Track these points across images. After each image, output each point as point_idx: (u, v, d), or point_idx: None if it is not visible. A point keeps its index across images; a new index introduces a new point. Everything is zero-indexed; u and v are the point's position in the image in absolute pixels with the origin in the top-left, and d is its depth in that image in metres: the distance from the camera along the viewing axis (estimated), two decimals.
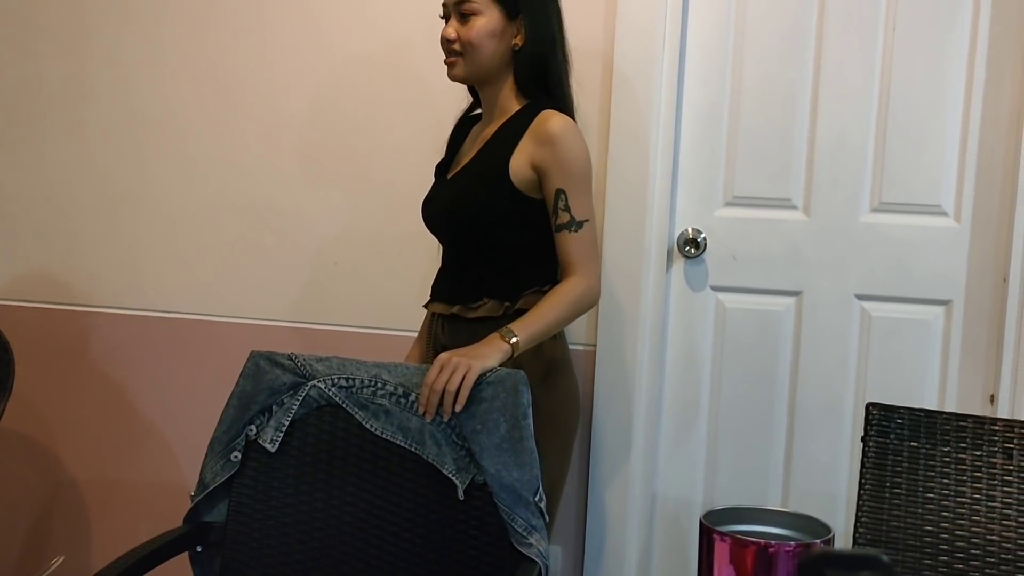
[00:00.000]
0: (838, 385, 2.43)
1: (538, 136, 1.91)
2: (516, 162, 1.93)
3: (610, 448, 2.45)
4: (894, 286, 2.40)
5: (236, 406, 1.81)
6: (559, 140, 1.90)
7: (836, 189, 2.40)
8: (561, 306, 1.89)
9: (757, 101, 2.42)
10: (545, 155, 1.90)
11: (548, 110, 1.94)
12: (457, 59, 1.98)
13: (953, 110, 2.34)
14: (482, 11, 1.94)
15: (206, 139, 2.63)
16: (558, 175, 1.91)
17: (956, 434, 1.80)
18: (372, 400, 1.78)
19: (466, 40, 1.95)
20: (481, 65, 1.97)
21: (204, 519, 1.79)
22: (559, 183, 1.91)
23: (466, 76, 2.00)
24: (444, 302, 2.05)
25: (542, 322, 1.86)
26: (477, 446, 1.70)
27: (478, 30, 1.94)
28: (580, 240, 1.92)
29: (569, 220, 1.92)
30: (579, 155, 1.93)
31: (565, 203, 1.91)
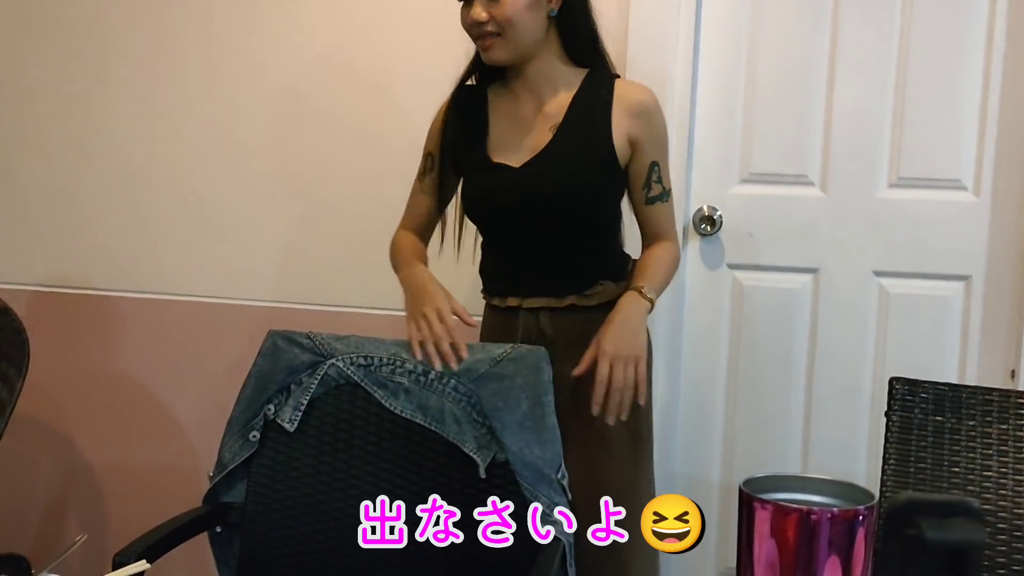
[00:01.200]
0: (856, 362, 2.41)
1: (630, 109, 1.86)
2: (618, 137, 1.86)
3: None
4: (912, 262, 2.37)
5: (254, 386, 1.79)
6: (653, 112, 1.88)
7: (853, 165, 2.38)
8: (666, 267, 1.89)
9: (773, 77, 2.40)
10: (641, 128, 1.86)
11: (622, 80, 1.91)
12: (493, 40, 1.82)
13: (972, 83, 2.31)
14: None
15: (222, 124, 2.61)
16: (653, 147, 1.88)
17: (982, 408, 1.78)
18: (391, 378, 1.76)
19: (502, 19, 1.79)
20: (522, 41, 1.82)
21: (223, 499, 1.77)
22: (653, 155, 1.88)
23: (508, 57, 1.84)
24: (548, 295, 1.90)
25: (660, 279, 1.87)
26: (498, 423, 1.69)
27: (513, 5, 1.78)
28: (669, 210, 1.93)
29: (662, 191, 1.90)
30: (665, 125, 1.92)
31: (658, 175, 1.89)
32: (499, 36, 1.81)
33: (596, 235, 1.91)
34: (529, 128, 1.89)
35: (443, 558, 1.61)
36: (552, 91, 1.89)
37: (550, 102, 1.89)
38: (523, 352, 1.73)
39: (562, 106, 1.88)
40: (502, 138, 1.91)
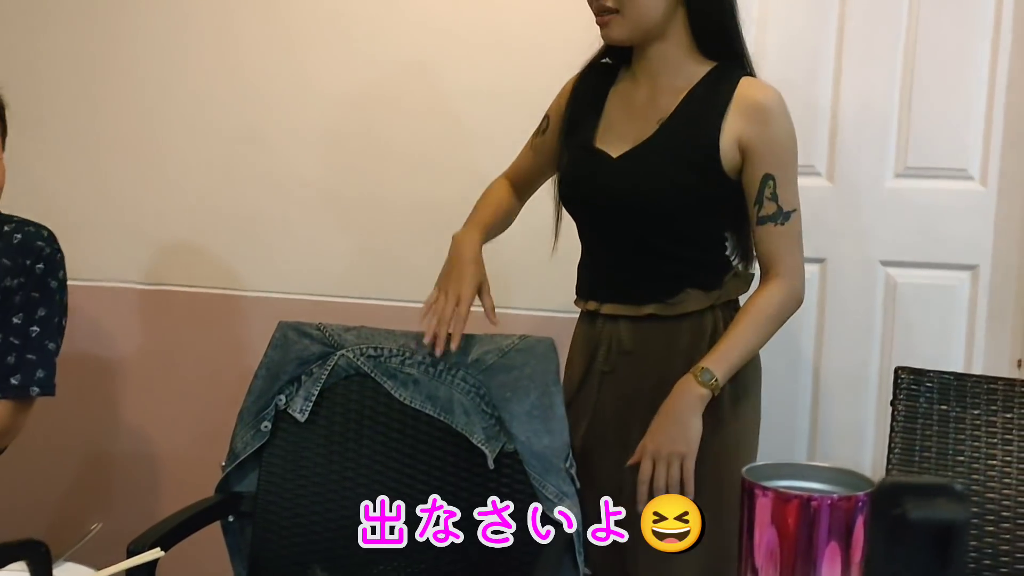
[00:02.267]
0: (863, 352, 2.42)
1: (747, 110, 1.66)
2: (726, 141, 1.67)
3: None
4: (920, 252, 2.38)
5: (265, 376, 1.82)
6: (773, 117, 1.66)
7: (860, 155, 2.38)
8: (760, 325, 1.68)
9: (780, 66, 2.39)
10: (755, 133, 1.65)
11: (749, 78, 1.69)
12: (611, 17, 1.66)
13: (979, 73, 2.31)
14: None
15: (229, 113, 2.63)
16: (768, 158, 1.66)
17: (987, 397, 1.80)
18: (401, 369, 1.78)
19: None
20: (642, 21, 1.65)
21: (235, 489, 1.80)
22: (768, 167, 1.65)
23: (627, 36, 1.68)
24: (628, 302, 1.76)
25: (741, 349, 1.67)
26: (507, 414, 1.71)
27: None
28: (786, 234, 1.68)
29: (776, 211, 1.66)
30: (791, 135, 1.69)
31: (773, 190, 1.65)
32: (617, 13, 1.65)
33: (686, 243, 1.73)
34: (639, 117, 1.74)
35: (450, 549, 1.63)
36: (670, 80, 1.71)
37: (666, 93, 1.72)
38: (531, 342, 1.75)
39: (677, 98, 1.71)
40: (611, 124, 1.77)
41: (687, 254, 1.74)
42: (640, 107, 1.74)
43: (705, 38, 1.69)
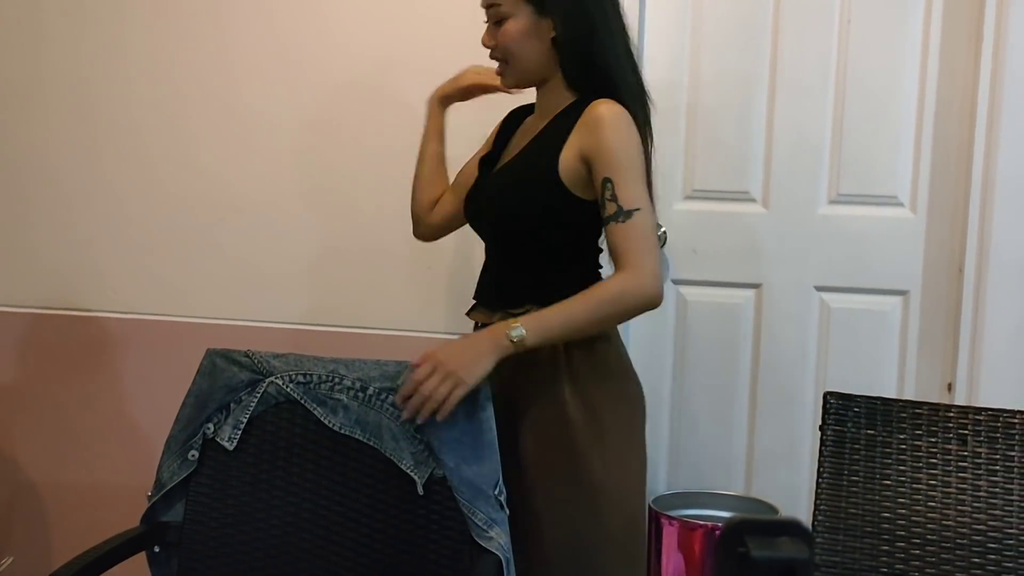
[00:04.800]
0: (798, 375, 2.45)
1: (585, 125, 1.76)
2: (566, 157, 1.77)
3: None
4: (852, 277, 2.41)
5: (193, 404, 1.80)
6: (604, 125, 1.74)
7: (794, 181, 2.42)
8: (591, 303, 1.71)
9: (715, 95, 2.44)
10: (591, 143, 1.74)
11: (601, 99, 1.77)
12: (503, 67, 1.85)
13: (908, 101, 2.36)
14: (511, 13, 1.79)
15: (165, 139, 2.61)
16: (605, 163, 1.74)
17: (912, 421, 1.82)
18: (330, 395, 1.77)
19: (502, 47, 1.82)
20: (525, 69, 1.83)
21: (161, 519, 1.77)
22: (606, 171, 1.73)
23: (516, 82, 1.87)
24: (487, 308, 1.89)
25: (563, 318, 1.70)
26: (435, 440, 1.70)
27: (508, 34, 1.80)
28: (628, 231, 1.72)
29: (617, 210, 1.73)
30: (626, 140, 1.75)
31: (612, 192, 1.73)
32: (505, 63, 1.84)
33: (528, 252, 1.84)
34: (519, 143, 1.91)
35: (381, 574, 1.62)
36: (550, 112, 1.86)
37: (542, 121, 1.87)
38: None
39: (543, 125, 1.85)
40: (510, 148, 1.94)
41: (529, 266, 1.85)
42: (529, 131, 1.91)
43: (572, 78, 1.83)
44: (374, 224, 2.52)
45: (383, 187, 2.50)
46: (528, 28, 1.79)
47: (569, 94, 1.83)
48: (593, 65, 1.80)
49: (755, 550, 0.63)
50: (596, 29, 1.79)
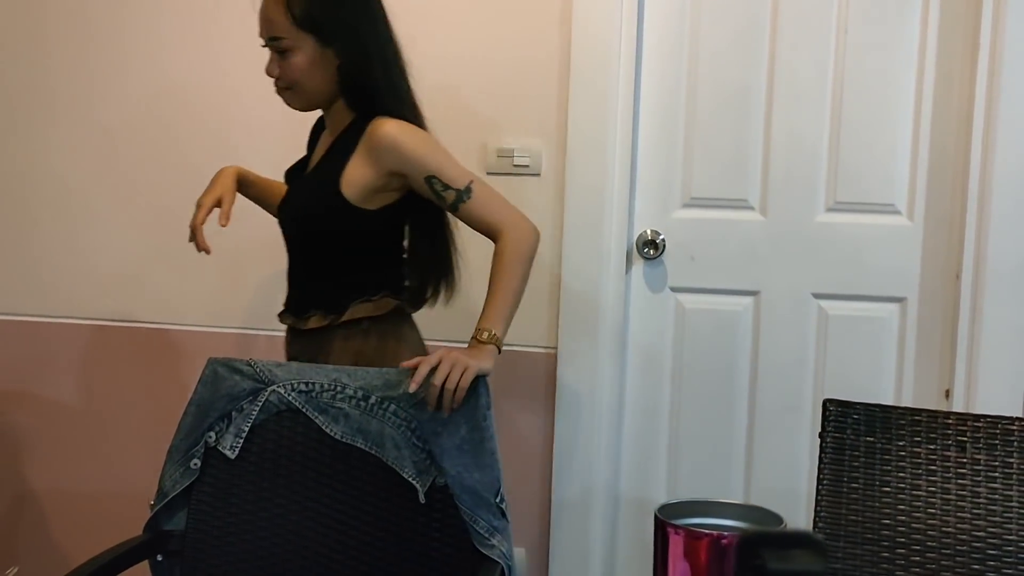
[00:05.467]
0: (796, 382, 2.46)
1: (376, 146, 1.86)
2: (350, 175, 1.87)
3: (573, 449, 2.46)
4: (850, 284, 2.42)
5: (195, 413, 1.80)
6: (396, 139, 1.85)
7: (791, 189, 2.43)
8: (513, 269, 1.83)
9: (712, 103, 2.45)
10: (395, 159, 1.86)
11: (377, 119, 1.88)
12: (287, 92, 1.94)
13: (904, 110, 2.37)
14: (296, 45, 1.87)
15: (161, 145, 2.61)
16: (418, 167, 1.86)
17: (911, 428, 1.82)
18: (332, 404, 1.78)
19: (289, 78, 1.90)
20: (312, 95, 1.93)
21: (164, 527, 1.77)
22: (423, 173, 1.86)
23: (303, 107, 1.97)
24: (288, 313, 2.02)
25: (508, 299, 1.82)
26: (437, 448, 1.71)
27: (296, 67, 1.89)
28: (478, 203, 1.87)
29: (456, 194, 1.86)
30: (422, 140, 1.89)
31: (441, 184, 1.86)
32: (290, 90, 1.93)
33: (313, 263, 1.96)
34: (318, 157, 2.00)
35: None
36: (336, 128, 1.96)
37: (331, 137, 1.97)
38: None
39: (330, 143, 1.96)
40: (312, 161, 2.04)
41: (314, 276, 1.97)
42: (322, 147, 2.00)
43: (351, 101, 1.93)
44: None
45: None
46: (313, 59, 1.88)
47: (350, 113, 1.94)
48: (370, 88, 1.91)
49: (771, 562, 0.64)
50: (371, 56, 1.91)
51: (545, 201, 2.45)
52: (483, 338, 1.78)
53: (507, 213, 1.88)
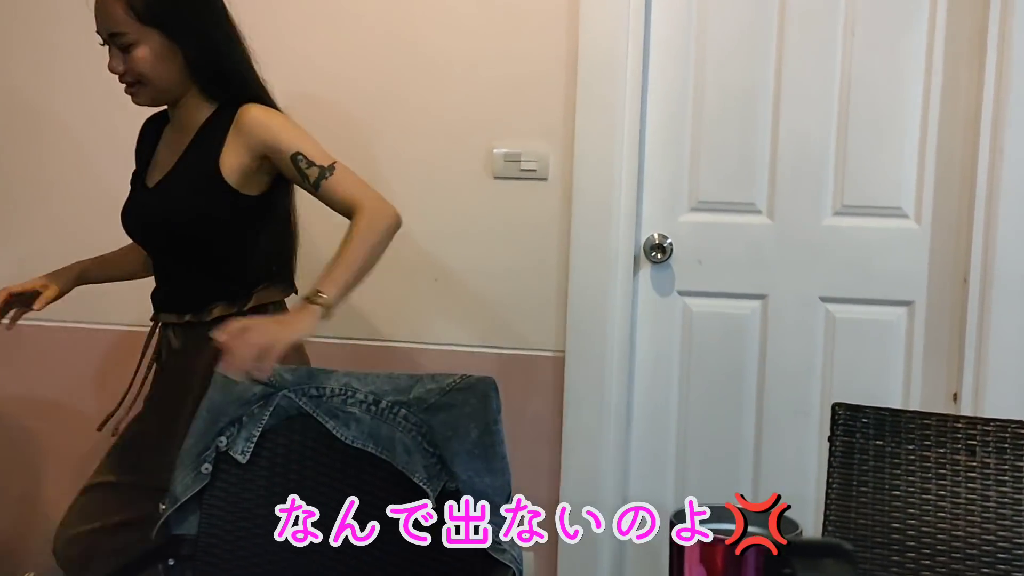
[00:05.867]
0: (804, 386, 2.46)
1: (247, 131, 1.89)
2: (227, 162, 1.89)
3: (581, 453, 2.46)
4: (857, 288, 2.43)
5: (206, 418, 1.80)
6: (264, 121, 1.89)
7: (799, 193, 2.43)
8: (363, 239, 1.83)
9: (719, 107, 2.45)
10: (261, 140, 1.88)
11: (245, 105, 1.91)
12: (136, 88, 1.92)
13: (912, 113, 2.37)
14: (140, 40, 1.86)
15: None
16: (284, 145, 1.88)
17: (920, 432, 1.82)
18: (342, 408, 1.78)
19: (136, 73, 1.89)
20: (161, 90, 1.92)
21: (175, 532, 1.78)
22: (289, 150, 1.88)
23: (151, 102, 1.96)
24: (174, 311, 2.01)
25: (351, 266, 1.81)
26: (448, 453, 1.71)
27: (142, 61, 1.87)
28: (339, 181, 1.88)
29: (319, 171, 1.87)
30: (289, 122, 1.93)
31: (306, 160, 1.87)
32: (138, 84, 1.91)
33: (205, 258, 1.96)
34: (172, 153, 1.98)
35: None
36: (192, 121, 1.96)
37: (189, 130, 1.96)
38: (472, 381, 1.75)
39: (192, 134, 1.95)
40: (158, 161, 2.03)
41: (207, 271, 1.96)
42: (173, 144, 1.99)
43: (209, 90, 1.94)
44: None
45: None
46: (160, 53, 1.88)
47: (208, 105, 1.95)
48: (226, 77, 1.93)
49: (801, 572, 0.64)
50: (220, 45, 1.93)
51: (552, 205, 2.45)
52: (313, 298, 1.76)
53: (369, 193, 1.88)
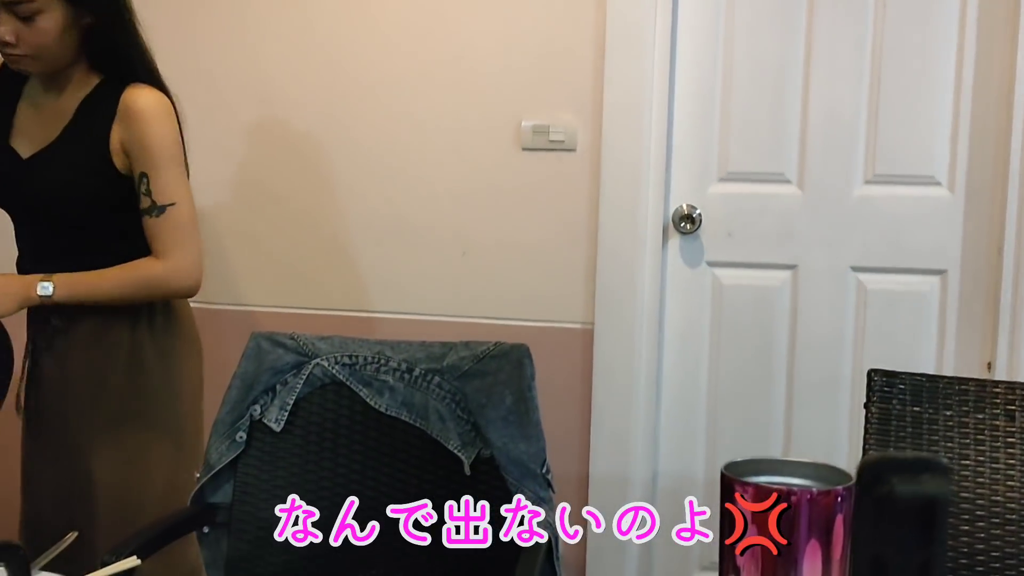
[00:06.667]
0: (835, 357, 2.44)
1: (125, 116, 1.78)
2: (114, 145, 1.80)
3: (610, 426, 2.46)
4: (889, 258, 2.40)
5: (239, 387, 1.80)
6: (144, 118, 1.78)
7: (829, 162, 2.41)
8: (123, 279, 1.80)
9: (749, 76, 2.43)
10: (128, 136, 1.79)
11: (137, 86, 1.81)
12: (23, 60, 1.78)
13: (944, 80, 2.34)
14: (43, 8, 1.71)
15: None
16: (141, 158, 1.79)
17: (958, 398, 1.81)
18: (376, 377, 1.78)
19: (36, 45, 1.74)
20: (56, 60, 1.80)
21: (210, 500, 1.78)
22: (142, 166, 1.79)
23: (41, 71, 1.83)
24: None
25: (92, 286, 1.78)
26: (482, 419, 1.70)
27: (46, 33, 1.74)
28: (161, 225, 1.80)
29: (151, 205, 1.80)
30: (164, 134, 1.81)
31: (147, 187, 1.79)
32: (28, 56, 1.77)
33: (89, 241, 1.86)
34: (46, 122, 1.86)
35: (427, 556, 1.62)
36: (73, 91, 1.84)
37: (68, 100, 1.84)
38: (506, 348, 1.74)
39: (74, 106, 1.84)
40: (23, 126, 1.89)
41: (90, 251, 1.85)
42: (48, 112, 1.86)
43: (103, 65, 1.84)
44: (405, 209, 2.52)
45: (410, 170, 2.50)
46: (64, 23, 1.75)
47: (91, 78, 1.84)
48: (123, 52, 1.82)
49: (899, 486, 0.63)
50: (123, 18, 1.82)
51: (580, 177, 2.44)
52: (37, 283, 1.75)
53: (176, 252, 1.82)
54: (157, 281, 1.83)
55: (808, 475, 0.97)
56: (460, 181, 2.49)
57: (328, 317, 2.54)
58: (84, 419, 1.90)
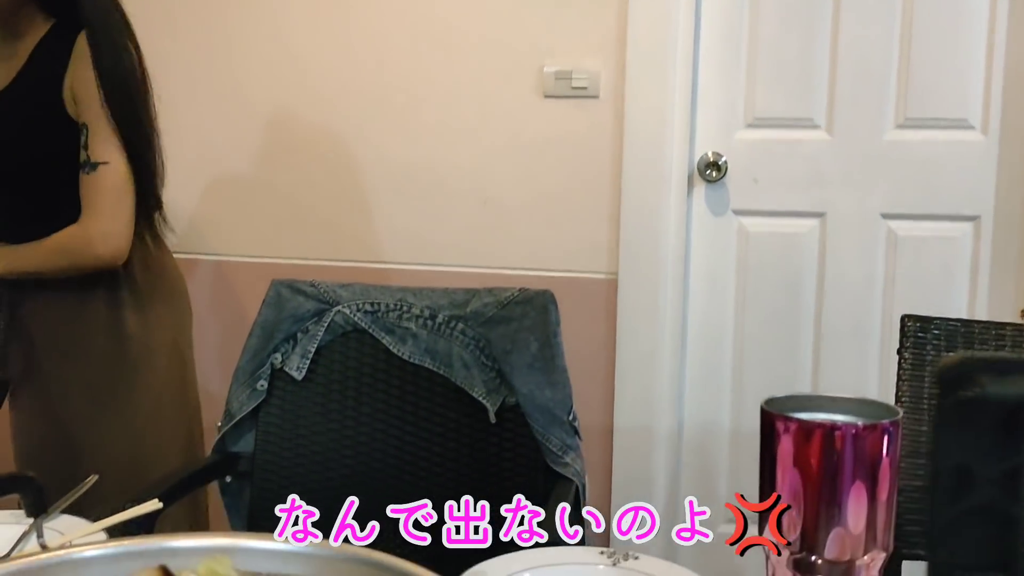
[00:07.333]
0: (865, 306, 2.40)
1: (81, 56, 1.68)
2: (67, 91, 1.70)
3: (635, 376, 2.42)
4: (920, 203, 2.35)
5: (259, 335, 1.77)
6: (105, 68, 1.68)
7: (859, 106, 2.35)
8: (41, 252, 1.72)
9: (776, 18, 2.37)
10: (78, 78, 1.69)
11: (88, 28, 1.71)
12: None
13: (978, 21, 2.28)
14: None
15: (218, 80, 2.58)
16: (88, 106, 1.69)
17: (995, 343, 1.76)
18: (398, 324, 1.75)
19: None
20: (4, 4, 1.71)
21: (232, 449, 1.76)
22: (84, 116, 1.69)
23: None
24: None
25: (22, 259, 1.73)
26: (508, 366, 1.67)
27: None
28: (92, 184, 1.70)
29: (85, 159, 1.69)
30: (119, 87, 1.71)
31: (86, 139, 1.69)
32: None
33: (34, 187, 1.77)
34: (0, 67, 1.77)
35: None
36: (24, 34, 1.75)
37: (19, 44, 1.75)
38: (530, 294, 1.71)
39: (28, 50, 1.74)
40: None
41: (42, 202, 1.76)
42: (2, 56, 1.76)
43: (58, 9, 1.73)
44: (424, 158, 2.48)
45: (430, 118, 2.46)
46: None
47: (44, 19, 1.74)
48: None
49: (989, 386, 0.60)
50: None
51: (604, 124, 2.39)
52: None
53: (97, 214, 1.70)
54: (75, 244, 1.71)
55: (852, 411, 0.94)
56: (481, 129, 2.45)
57: (347, 268, 2.51)
58: (66, 385, 1.83)
